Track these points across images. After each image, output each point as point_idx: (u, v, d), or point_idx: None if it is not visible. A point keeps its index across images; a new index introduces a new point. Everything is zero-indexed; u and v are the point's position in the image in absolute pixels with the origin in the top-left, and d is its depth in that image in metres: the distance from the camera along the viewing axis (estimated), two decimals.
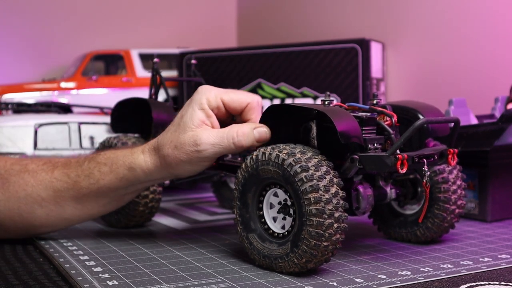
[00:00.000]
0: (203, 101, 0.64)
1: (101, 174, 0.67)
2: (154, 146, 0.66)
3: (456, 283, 0.54)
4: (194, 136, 0.62)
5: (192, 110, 0.64)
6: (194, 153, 0.62)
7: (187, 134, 0.63)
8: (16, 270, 0.59)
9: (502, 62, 1.06)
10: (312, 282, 0.54)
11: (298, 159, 0.54)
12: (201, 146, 0.62)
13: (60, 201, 0.69)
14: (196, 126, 0.63)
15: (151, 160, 0.66)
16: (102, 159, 0.68)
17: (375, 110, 0.62)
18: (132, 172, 0.66)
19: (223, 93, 0.65)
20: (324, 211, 0.52)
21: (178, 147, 0.63)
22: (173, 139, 0.64)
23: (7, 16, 1.43)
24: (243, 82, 1.22)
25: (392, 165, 0.55)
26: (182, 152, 0.63)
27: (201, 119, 0.63)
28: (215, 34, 1.64)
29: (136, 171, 0.66)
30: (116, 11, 1.55)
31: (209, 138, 0.62)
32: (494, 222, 0.80)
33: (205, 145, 0.62)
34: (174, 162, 0.64)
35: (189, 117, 0.63)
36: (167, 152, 0.64)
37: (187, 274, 0.57)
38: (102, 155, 0.68)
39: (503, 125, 0.78)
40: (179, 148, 0.63)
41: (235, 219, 0.60)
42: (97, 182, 0.67)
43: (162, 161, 0.65)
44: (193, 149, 0.62)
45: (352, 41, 1.11)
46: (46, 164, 0.70)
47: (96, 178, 0.67)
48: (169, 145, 0.64)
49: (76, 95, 1.29)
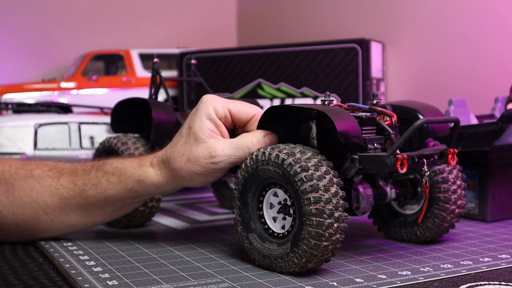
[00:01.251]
0: (210, 111, 0.63)
1: (109, 184, 0.66)
2: (163, 159, 0.65)
3: (456, 283, 0.54)
4: (208, 148, 0.61)
5: (200, 121, 0.62)
6: (210, 165, 0.61)
7: (201, 146, 0.61)
8: (16, 270, 0.59)
9: (502, 62, 1.06)
10: (312, 282, 0.54)
11: (298, 159, 0.54)
12: (217, 158, 0.61)
13: (66, 208, 0.68)
14: (207, 137, 0.62)
15: (162, 173, 0.64)
16: (110, 169, 0.67)
17: (375, 110, 0.62)
18: (141, 185, 0.65)
19: (229, 103, 0.64)
20: (324, 211, 0.52)
21: (192, 160, 0.62)
22: (185, 152, 0.62)
23: (7, 16, 1.43)
24: (243, 82, 1.22)
25: (392, 165, 0.55)
26: (196, 165, 0.62)
27: (211, 129, 0.62)
28: (215, 34, 1.64)
29: (146, 184, 0.65)
30: (116, 11, 1.55)
31: (225, 150, 0.61)
32: (494, 222, 0.80)
33: (221, 157, 0.61)
34: (188, 175, 0.62)
35: (198, 127, 0.62)
36: (179, 165, 0.62)
37: (187, 274, 0.57)
38: (110, 164, 0.67)
39: (503, 125, 0.78)
40: (193, 161, 0.62)
41: (235, 219, 0.60)
42: (104, 192, 0.67)
43: (174, 174, 0.64)
44: (209, 161, 0.61)
45: (352, 41, 1.11)
46: (51, 170, 0.70)
47: (104, 187, 0.67)
48: (180, 158, 0.62)
49: (76, 95, 1.29)
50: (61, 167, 0.70)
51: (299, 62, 1.16)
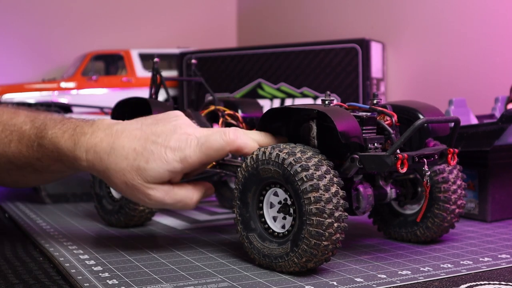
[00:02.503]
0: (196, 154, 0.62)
1: (50, 160, 0.66)
2: (100, 153, 0.63)
3: (456, 283, 0.54)
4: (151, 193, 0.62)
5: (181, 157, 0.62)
6: (142, 199, 0.63)
7: (146, 187, 0.62)
8: (16, 269, 0.59)
9: (502, 62, 1.06)
10: (312, 282, 0.54)
11: (298, 159, 0.54)
12: (151, 202, 0.63)
13: (23, 172, 0.69)
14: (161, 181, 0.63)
15: (93, 166, 0.64)
16: (49, 145, 0.65)
17: (375, 109, 0.62)
18: (74, 168, 0.66)
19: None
20: (324, 211, 0.52)
21: (130, 187, 0.62)
22: (130, 172, 0.62)
23: (7, 16, 1.43)
24: (243, 82, 1.22)
25: (392, 165, 0.55)
26: (130, 193, 0.63)
27: (173, 175, 0.63)
28: (215, 34, 1.64)
29: (76, 170, 0.66)
30: (116, 11, 1.55)
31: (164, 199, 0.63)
32: (494, 222, 0.80)
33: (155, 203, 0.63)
34: (116, 187, 0.64)
35: (162, 167, 0.62)
36: (114, 179, 0.63)
37: (187, 274, 0.57)
38: (49, 140, 0.65)
39: (503, 125, 0.78)
40: (130, 188, 0.62)
41: (235, 218, 0.60)
42: (48, 167, 0.67)
43: (103, 175, 0.64)
44: (144, 199, 0.63)
45: (352, 41, 1.11)
46: (4, 131, 0.69)
47: (47, 164, 0.67)
48: (121, 173, 0.62)
49: (76, 95, 1.29)
50: (12, 127, 0.68)
51: (299, 62, 1.17)
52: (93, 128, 0.64)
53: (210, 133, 0.62)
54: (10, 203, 0.99)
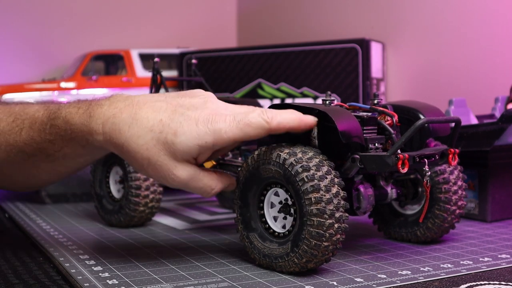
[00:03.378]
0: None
1: (63, 142, 0.61)
2: (118, 120, 0.57)
3: (456, 283, 0.54)
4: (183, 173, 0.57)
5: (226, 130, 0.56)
6: (168, 179, 0.58)
7: (180, 165, 0.57)
8: (16, 269, 0.59)
9: (502, 62, 1.06)
10: (312, 282, 0.54)
11: (299, 159, 0.54)
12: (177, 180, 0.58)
13: (35, 163, 0.64)
14: (191, 161, 0.58)
15: (110, 139, 0.58)
16: (62, 124, 0.60)
17: (376, 109, 0.62)
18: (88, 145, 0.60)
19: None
20: (325, 211, 0.52)
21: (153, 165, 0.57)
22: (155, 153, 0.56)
23: (7, 16, 1.43)
24: (243, 82, 1.22)
25: (393, 165, 0.55)
26: (156, 172, 0.57)
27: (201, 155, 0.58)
28: (215, 34, 1.64)
29: (91, 148, 0.60)
30: (116, 11, 1.55)
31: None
32: (494, 222, 0.80)
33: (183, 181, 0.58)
34: (136, 166, 0.58)
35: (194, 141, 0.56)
36: (135, 157, 0.57)
37: (187, 274, 0.57)
38: (63, 118, 0.60)
39: (503, 125, 0.78)
40: (154, 167, 0.57)
41: (235, 218, 0.60)
42: (61, 150, 0.61)
43: (119, 151, 0.58)
44: (171, 178, 0.57)
45: (352, 41, 1.11)
46: (15, 121, 0.63)
47: (60, 145, 0.61)
48: (142, 148, 0.56)
49: (76, 95, 1.29)
50: (24, 116, 0.64)
51: (299, 62, 1.16)
52: (111, 100, 0.59)
53: (247, 110, 0.57)
54: (10, 203, 1.00)
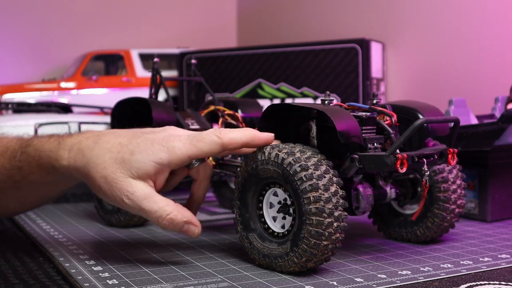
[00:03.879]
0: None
1: (30, 168, 0.62)
2: (83, 146, 0.59)
3: (456, 283, 0.54)
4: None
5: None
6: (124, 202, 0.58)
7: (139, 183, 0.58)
8: (16, 269, 0.59)
9: (502, 62, 1.06)
10: (312, 282, 0.54)
11: (297, 158, 0.54)
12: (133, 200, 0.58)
13: (2, 190, 0.65)
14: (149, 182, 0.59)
15: (74, 163, 0.60)
16: (32, 151, 0.62)
17: (375, 109, 0.62)
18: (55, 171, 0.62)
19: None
20: (323, 210, 0.52)
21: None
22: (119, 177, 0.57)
23: (7, 16, 1.43)
24: (243, 82, 1.22)
25: (392, 165, 0.55)
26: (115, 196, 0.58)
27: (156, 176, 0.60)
28: (215, 34, 1.64)
29: (54, 174, 0.62)
30: (116, 11, 1.55)
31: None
32: (494, 222, 0.80)
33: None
34: (94, 187, 0.60)
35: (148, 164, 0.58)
36: (94, 176, 0.58)
37: (187, 274, 0.57)
38: (33, 146, 0.62)
39: (503, 125, 0.78)
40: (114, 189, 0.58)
41: (235, 218, 0.60)
42: (27, 176, 0.63)
43: (82, 170, 0.59)
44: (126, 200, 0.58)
45: (352, 41, 1.11)
46: None
47: (27, 172, 0.62)
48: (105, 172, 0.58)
49: (76, 95, 1.29)
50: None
51: (299, 62, 1.17)
52: (81, 132, 0.63)
53: (202, 132, 0.59)
54: None
